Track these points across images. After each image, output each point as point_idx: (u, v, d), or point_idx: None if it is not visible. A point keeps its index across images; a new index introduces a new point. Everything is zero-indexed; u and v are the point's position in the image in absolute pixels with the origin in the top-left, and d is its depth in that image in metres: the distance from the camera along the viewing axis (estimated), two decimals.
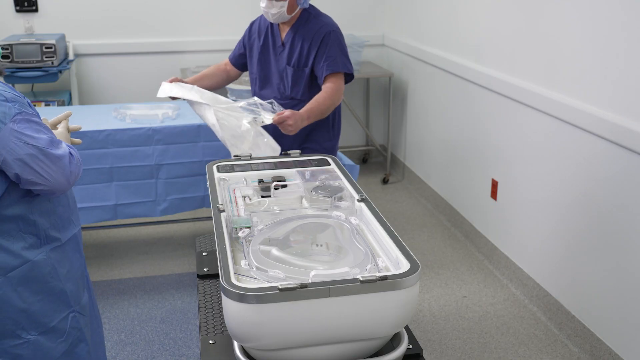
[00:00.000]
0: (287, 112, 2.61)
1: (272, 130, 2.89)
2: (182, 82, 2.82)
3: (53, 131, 1.89)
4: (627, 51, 2.54)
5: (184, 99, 2.74)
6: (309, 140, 2.91)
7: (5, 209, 1.70)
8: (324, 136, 2.93)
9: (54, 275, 1.81)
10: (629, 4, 2.52)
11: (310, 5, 2.85)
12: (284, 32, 2.82)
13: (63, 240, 1.84)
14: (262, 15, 2.93)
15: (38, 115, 1.74)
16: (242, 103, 2.64)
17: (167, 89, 2.77)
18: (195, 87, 2.74)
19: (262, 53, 2.89)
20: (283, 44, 2.82)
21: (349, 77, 2.84)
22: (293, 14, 2.76)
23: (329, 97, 2.74)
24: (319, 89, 2.83)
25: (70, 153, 1.74)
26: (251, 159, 2.16)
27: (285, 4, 2.69)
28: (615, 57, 2.61)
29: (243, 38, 3.00)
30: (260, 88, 2.94)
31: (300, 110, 2.69)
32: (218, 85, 3.05)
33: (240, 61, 3.03)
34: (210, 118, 2.65)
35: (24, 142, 1.63)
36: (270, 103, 2.64)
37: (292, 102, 2.85)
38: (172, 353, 2.93)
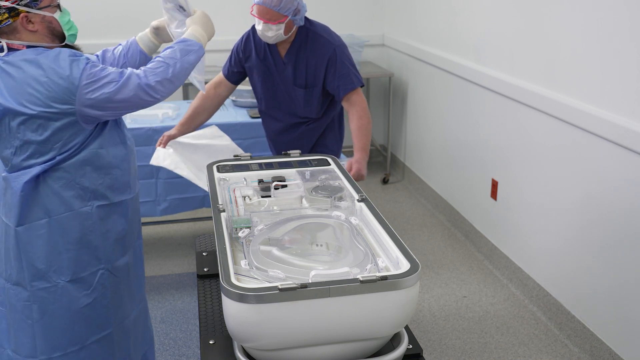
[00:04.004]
0: (354, 166, 2.60)
1: (287, 143, 2.87)
2: (175, 136, 2.81)
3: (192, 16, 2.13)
4: (627, 51, 2.54)
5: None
6: (318, 145, 2.89)
7: (69, 158, 1.88)
8: (332, 140, 2.92)
9: (93, 229, 1.96)
10: (628, 4, 2.52)
11: (305, 18, 2.73)
12: (284, 49, 2.72)
13: (112, 200, 1.99)
14: (254, 30, 2.79)
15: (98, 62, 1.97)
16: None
17: (160, 158, 2.76)
18: (185, 160, 2.78)
19: (264, 71, 2.78)
20: (284, 62, 2.73)
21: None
22: (290, 33, 2.65)
23: (362, 121, 2.70)
24: (332, 105, 2.80)
25: (137, 73, 1.88)
26: (251, 159, 2.16)
27: (282, 25, 2.57)
28: (615, 57, 2.61)
29: (237, 52, 2.86)
30: (267, 107, 2.85)
31: (357, 155, 2.66)
32: (210, 116, 2.92)
33: (236, 77, 2.89)
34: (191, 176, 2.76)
35: (97, 88, 1.83)
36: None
37: (306, 120, 2.81)
38: (172, 353, 2.93)
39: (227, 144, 2.99)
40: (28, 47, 1.87)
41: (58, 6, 1.92)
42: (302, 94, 2.74)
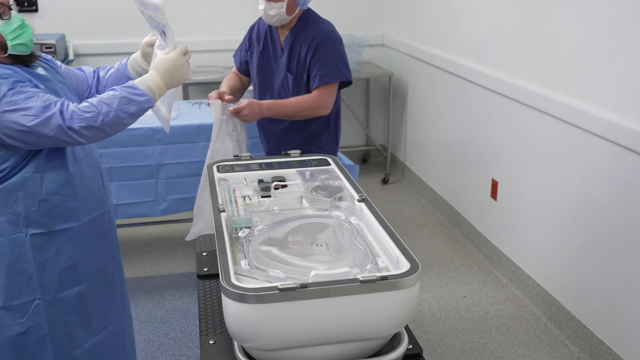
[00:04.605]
0: (245, 101, 2.66)
1: (276, 133, 2.88)
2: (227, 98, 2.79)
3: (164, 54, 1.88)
4: (627, 51, 2.54)
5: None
6: (311, 145, 2.89)
7: (0, 182, 1.79)
8: (326, 141, 2.92)
9: (27, 258, 1.84)
10: (628, 4, 2.52)
11: (310, 10, 2.80)
12: (283, 36, 2.77)
13: (52, 228, 1.85)
14: (260, 19, 2.88)
15: (32, 82, 1.78)
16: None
17: (218, 109, 2.71)
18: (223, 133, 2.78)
19: (262, 58, 2.84)
20: (282, 49, 2.77)
21: (346, 83, 2.82)
22: (292, 16, 2.69)
23: (304, 103, 2.71)
24: None
25: (62, 111, 1.71)
26: (251, 159, 2.16)
27: (284, 4, 2.62)
28: (615, 57, 2.61)
29: (244, 43, 2.94)
30: (260, 93, 2.88)
31: (263, 101, 2.69)
32: (241, 97, 3.02)
33: (245, 67, 2.97)
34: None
35: (15, 118, 1.69)
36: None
37: None
38: (172, 353, 2.93)
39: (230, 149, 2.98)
40: None
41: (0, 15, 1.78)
42: (292, 80, 2.76)
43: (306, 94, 2.74)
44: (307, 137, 2.86)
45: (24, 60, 1.84)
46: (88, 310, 1.98)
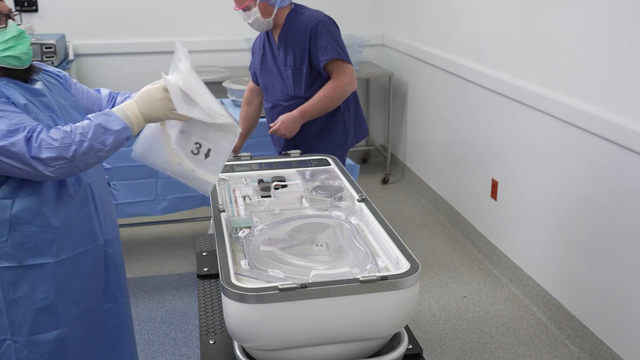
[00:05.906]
0: (278, 122, 2.77)
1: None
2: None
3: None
4: (627, 51, 2.54)
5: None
6: (321, 141, 2.90)
7: None
8: (338, 133, 2.93)
9: None
10: (628, 4, 2.52)
11: (298, 5, 2.87)
12: (277, 34, 2.85)
13: (23, 262, 1.67)
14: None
15: (13, 99, 1.62)
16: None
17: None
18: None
19: (263, 62, 2.93)
20: (278, 47, 2.85)
21: None
22: (272, 17, 2.76)
23: (329, 92, 2.77)
24: (323, 83, 2.83)
25: (29, 138, 1.53)
26: (251, 159, 2.16)
27: (256, 10, 2.71)
28: (615, 57, 2.61)
29: (251, 58, 3.06)
30: (267, 94, 2.98)
31: (293, 112, 2.77)
32: (258, 118, 3.19)
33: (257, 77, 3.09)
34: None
35: None
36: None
37: (297, 101, 2.85)
38: (172, 353, 2.93)
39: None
40: None
41: None
42: (291, 72, 2.82)
43: (326, 85, 2.79)
44: (319, 128, 2.89)
45: (20, 76, 1.67)
46: (68, 356, 1.78)
